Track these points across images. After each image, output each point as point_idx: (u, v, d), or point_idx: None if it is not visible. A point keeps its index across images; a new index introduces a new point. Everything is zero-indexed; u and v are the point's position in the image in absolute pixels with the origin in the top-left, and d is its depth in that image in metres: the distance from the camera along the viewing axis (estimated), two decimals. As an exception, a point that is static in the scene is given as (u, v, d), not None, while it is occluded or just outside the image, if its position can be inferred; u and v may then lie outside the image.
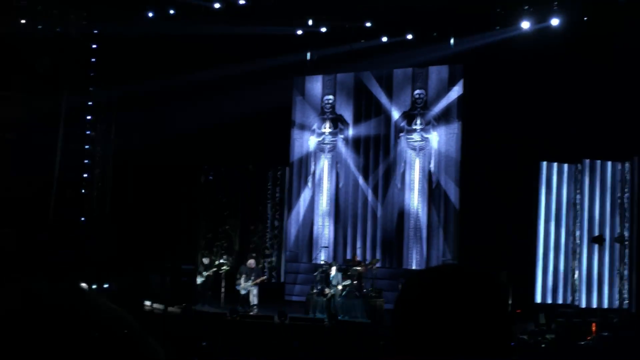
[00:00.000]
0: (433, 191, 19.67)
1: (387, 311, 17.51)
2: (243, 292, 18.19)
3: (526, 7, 17.71)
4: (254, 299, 18.19)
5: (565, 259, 17.92)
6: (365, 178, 20.57)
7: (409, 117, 20.14)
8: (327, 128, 21.15)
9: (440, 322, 1.39)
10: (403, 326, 1.44)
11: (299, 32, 20.00)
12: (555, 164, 18.07)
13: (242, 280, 18.26)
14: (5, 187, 18.98)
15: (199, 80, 19.96)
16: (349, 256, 19.84)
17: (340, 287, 17.41)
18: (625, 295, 17.31)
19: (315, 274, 18.39)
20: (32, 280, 1.04)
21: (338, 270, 17.92)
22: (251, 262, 18.78)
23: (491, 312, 1.42)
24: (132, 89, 19.68)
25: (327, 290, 17.48)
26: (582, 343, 14.36)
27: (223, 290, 18.53)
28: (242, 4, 18.77)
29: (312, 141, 21.31)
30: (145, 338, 1.03)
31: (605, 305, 17.11)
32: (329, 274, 17.80)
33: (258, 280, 18.32)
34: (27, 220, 19.40)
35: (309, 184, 21.26)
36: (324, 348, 13.03)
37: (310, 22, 19.53)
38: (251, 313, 17.66)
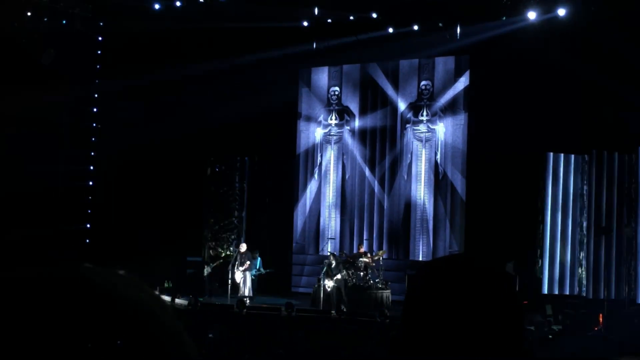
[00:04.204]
0: (439, 182, 19.64)
1: (393, 302, 17.53)
2: (237, 279, 18.21)
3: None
4: (245, 290, 18.08)
5: (572, 250, 17.88)
6: (372, 169, 20.55)
7: (415, 108, 20.10)
8: (333, 119, 21.12)
9: (451, 316, 1.36)
10: (412, 319, 1.41)
11: (305, 23, 19.91)
12: (562, 155, 18.02)
13: (235, 267, 18.30)
14: (10, 181, 19.00)
15: (205, 73, 19.95)
16: (355, 247, 19.83)
17: (340, 278, 17.36)
18: (633, 286, 17.27)
19: (322, 265, 18.40)
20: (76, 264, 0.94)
21: (339, 261, 17.88)
22: (242, 247, 18.75)
23: (504, 306, 1.40)
24: (138, 82, 19.67)
25: (327, 282, 17.44)
26: (589, 334, 14.35)
27: (230, 282, 18.55)
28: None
29: (318, 133, 21.29)
30: (184, 335, 0.95)
31: (613, 296, 17.07)
32: (331, 265, 17.76)
33: (246, 266, 18.21)
34: (34, 213, 19.43)
35: (316, 175, 21.24)
36: (331, 340, 13.05)
37: (316, 13, 19.44)
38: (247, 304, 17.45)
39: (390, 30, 19.56)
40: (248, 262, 18.34)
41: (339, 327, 15.16)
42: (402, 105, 20.26)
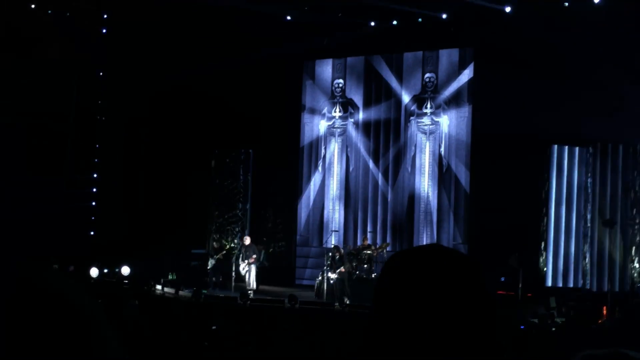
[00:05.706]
0: (443, 175, 19.62)
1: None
2: (242, 271, 18.26)
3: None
4: (251, 282, 18.12)
5: (576, 242, 17.86)
6: (376, 162, 20.53)
7: (419, 100, 20.07)
8: (337, 112, 21.10)
9: (420, 307, 1.34)
10: (382, 309, 1.40)
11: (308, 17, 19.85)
12: (566, 147, 17.98)
13: (240, 260, 18.36)
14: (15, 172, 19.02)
15: (210, 65, 19.93)
16: (359, 240, 19.85)
17: (343, 270, 17.38)
18: (637, 279, 17.25)
19: (326, 258, 18.42)
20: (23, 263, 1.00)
21: (343, 254, 17.88)
22: (246, 240, 18.77)
23: (474, 298, 1.37)
24: (142, 75, 19.65)
25: (331, 275, 17.47)
26: (593, 327, 14.34)
27: (234, 274, 18.59)
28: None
29: (322, 125, 21.28)
30: (106, 331, 1.00)
31: (617, 288, 17.05)
32: (335, 258, 17.77)
33: (252, 260, 18.25)
34: (39, 203, 19.46)
35: (320, 168, 21.24)
36: (334, 332, 13.04)
37: (320, 6, 19.38)
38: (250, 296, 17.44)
39: (395, 22, 19.52)
40: (254, 256, 18.40)
41: (342, 320, 15.16)
42: (406, 98, 20.23)
